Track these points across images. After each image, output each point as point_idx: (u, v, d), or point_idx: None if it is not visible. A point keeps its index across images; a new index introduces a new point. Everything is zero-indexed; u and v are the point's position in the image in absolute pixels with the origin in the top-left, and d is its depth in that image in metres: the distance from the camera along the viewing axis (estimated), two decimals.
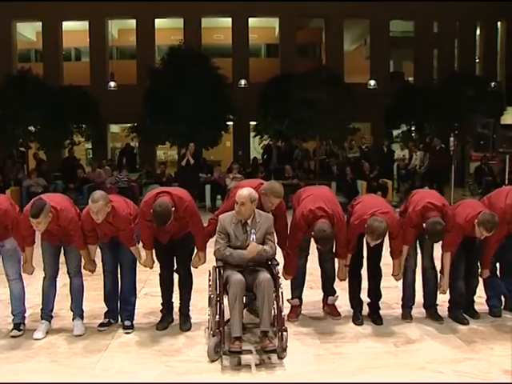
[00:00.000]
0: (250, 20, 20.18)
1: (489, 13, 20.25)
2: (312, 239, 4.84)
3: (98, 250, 5.05)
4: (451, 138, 12.19)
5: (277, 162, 15.18)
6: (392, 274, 5.12)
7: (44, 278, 4.99)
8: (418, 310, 5.32)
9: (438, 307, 5.27)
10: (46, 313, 5.00)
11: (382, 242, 4.97)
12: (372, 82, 18.85)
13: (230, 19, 20.05)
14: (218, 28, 21.41)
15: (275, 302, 4.42)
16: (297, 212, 4.95)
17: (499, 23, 21.39)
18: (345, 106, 12.95)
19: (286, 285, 5.04)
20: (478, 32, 21.57)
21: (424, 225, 4.77)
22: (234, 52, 20.04)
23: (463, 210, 4.99)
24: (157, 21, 19.90)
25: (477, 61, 21.58)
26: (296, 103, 13.02)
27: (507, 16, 18.84)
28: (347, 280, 5.21)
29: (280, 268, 4.69)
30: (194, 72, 13.85)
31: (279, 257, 4.83)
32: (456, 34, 21.06)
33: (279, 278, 4.53)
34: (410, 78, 21.57)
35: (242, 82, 18.68)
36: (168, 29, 20.39)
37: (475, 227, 4.77)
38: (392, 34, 21.11)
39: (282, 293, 4.47)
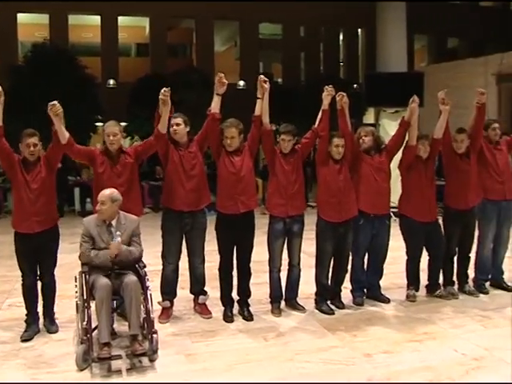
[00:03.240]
0: (120, 18, 19.74)
1: (351, 20, 21.42)
2: None
3: None
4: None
5: (147, 164, 14.96)
6: None
7: None
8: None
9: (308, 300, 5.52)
10: None
11: (251, 244, 5.18)
12: (242, 83, 19.17)
13: (98, 17, 19.47)
14: (86, 26, 20.70)
15: (144, 305, 4.37)
16: None
17: (360, 30, 22.69)
18: None
19: (155, 287, 5.00)
20: (341, 37, 22.74)
21: None
22: (103, 51, 19.49)
23: None
24: (20, 15, 18.80)
25: (341, 64, 22.75)
26: None
27: (366, 24, 20.01)
28: (218, 280, 5.30)
29: (146, 270, 4.63)
30: (59, 71, 13.26)
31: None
32: (321, 38, 22.05)
33: (147, 280, 4.47)
34: (279, 80, 22.23)
35: (111, 81, 18.22)
36: (32, 24, 19.40)
37: None
38: (261, 37, 21.66)
39: (150, 295, 4.42)
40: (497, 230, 6.03)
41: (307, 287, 5.62)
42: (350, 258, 5.66)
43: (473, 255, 6.10)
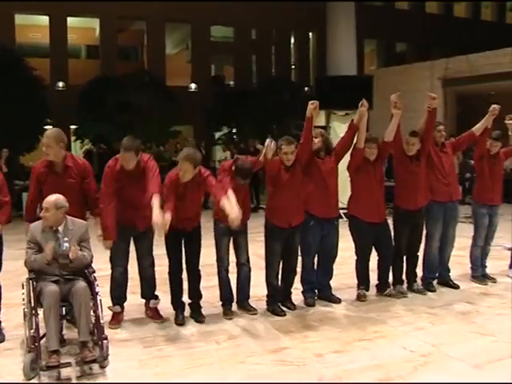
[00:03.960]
0: (69, 19, 19.38)
1: (302, 24, 21.65)
2: None
3: None
4: (267, 140, 12.76)
5: (98, 168, 14.74)
6: None
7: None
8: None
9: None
10: None
11: (199, 246, 5.20)
12: (193, 86, 19.12)
13: (46, 17, 19.06)
14: (34, 26, 20.22)
15: (93, 311, 4.30)
16: None
17: (311, 34, 22.95)
18: (166, 109, 12.98)
19: (105, 292, 4.93)
20: (292, 40, 22.96)
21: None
22: (52, 52, 19.09)
23: None
24: None
25: (292, 67, 22.96)
26: (116, 106, 12.78)
27: (317, 27, 20.26)
28: (169, 283, 5.27)
29: (96, 275, 4.56)
30: (4, 72, 12.90)
31: None
32: (273, 41, 22.21)
33: (97, 285, 4.41)
34: (231, 82, 22.28)
35: (60, 84, 17.87)
36: None
37: None
38: (213, 39, 21.64)
39: (100, 300, 4.36)
40: (443, 229, 6.19)
41: (258, 289, 5.64)
42: (300, 259, 5.72)
43: (420, 254, 6.24)
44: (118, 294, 5.18)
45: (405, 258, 6.10)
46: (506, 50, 14.55)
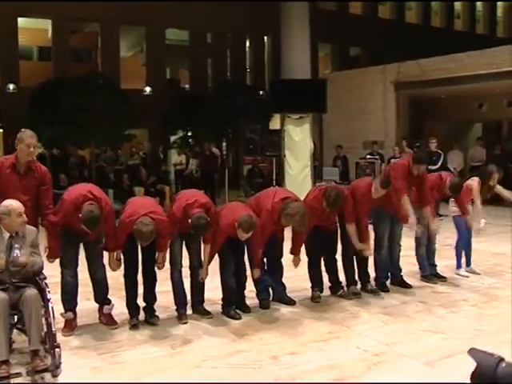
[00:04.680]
0: (20, 20, 18.91)
1: (257, 27, 21.74)
2: None
3: None
4: (224, 143, 12.84)
5: (52, 171, 14.44)
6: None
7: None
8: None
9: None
10: None
11: (155, 250, 5.14)
12: (148, 89, 18.96)
13: None
14: None
15: (44, 318, 4.21)
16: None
17: (266, 37, 23.08)
18: (120, 112, 12.83)
19: (56, 300, 4.83)
20: (247, 44, 23.03)
21: (189, 220, 4.98)
22: (2, 53, 18.60)
23: (226, 213, 5.34)
24: None
25: (247, 70, 23.03)
26: (69, 109, 12.56)
27: (272, 31, 20.39)
28: (124, 287, 5.22)
29: (48, 282, 4.47)
30: None
31: None
32: (228, 45, 22.23)
33: (48, 292, 4.32)
34: (187, 86, 22.19)
35: (11, 86, 17.45)
36: None
37: (238, 229, 5.10)
38: (168, 42, 21.51)
39: (52, 307, 4.27)
40: (390, 229, 6.32)
41: (213, 293, 5.64)
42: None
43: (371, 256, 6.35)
44: (70, 298, 5.07)
45: (355, 258, 6.18)
46: (455, 55, 14.96)
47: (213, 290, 5.62)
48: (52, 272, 4.86)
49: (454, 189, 6.42)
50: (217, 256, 5.50)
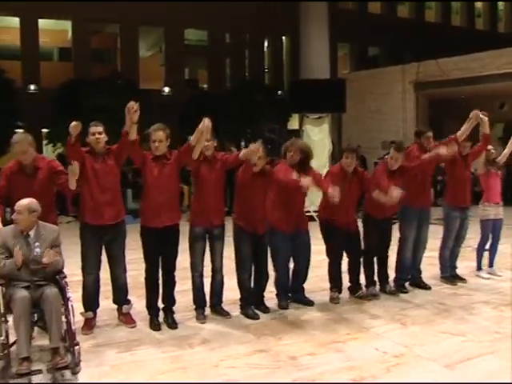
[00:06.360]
0: (41, 21, 19.12)
1: (275, 28, 21.73)
2: None
3: None
4: (242, 143, 12.85)
5: None
6: None
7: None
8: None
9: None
10: None
11: (176, 254, 5.17)
12: (167, 89, 19.03)
13: (17, 19, 18.78)
14: (4, 27, 19.89)
15: (65, 316, 4.24)
16: None
17: (284, 37, 23.05)
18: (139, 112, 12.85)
19: (78, 297, 4.88)
20: (266, 44, 23.03)
21: None
22: (23, 54, 18.82)
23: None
24: None
25: (266, 71, 23.02)
26: (89, 109, 12.64)
27: (291, 31, 20.36)
28: (145, 288, 5.25)
29: (68, 280, 4.51)
30: None
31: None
32: (246, 45, 22.24)
33: (68, 290, 4.36)
34: (205, 86, 22.23)
35: (32, 86, 17.65)
36: None
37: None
38: (187, 43, 21.57)
39: (72, 306, 4.29)
40: (416, 232, 6.27)
41: (232, 293, 5.64)
42: (273, 262, 5.73)
43: (393, 256, 6.32)
44: (90, 301, 5.13)
45: (376, 259, 6.16)
46: (475, 55, 14.81)
47: (232, 290, 5.62)
48: (73, 271, 4.90)
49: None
50: (234, 257, 5.51)
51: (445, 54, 15.83)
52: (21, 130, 15.33)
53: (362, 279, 6.17)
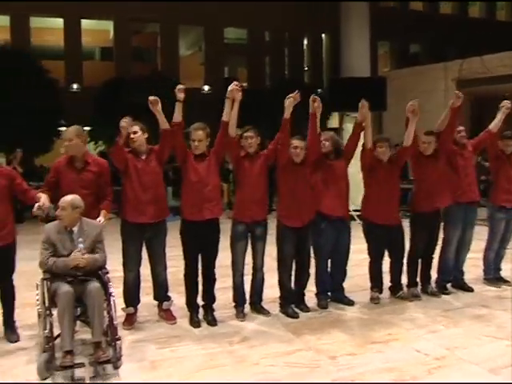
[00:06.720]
0: (83, 22, 19.49)
1: (315, 26, 21.62)
2: None
3: None
4: None
5: (112, 169, 14.77)
6: None
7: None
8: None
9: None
10: None
11: (216, 251, 5.22)
12: (206, 88, 19.14)
13: (61, 20, 19.19)
14: (48, 29, 20.34)
15: (107, 311, 4.31)
16: None
17: (324, 35, 22.92)
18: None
19: (120, 293, 4.95)
20: (305, 42, 22.93)
21: None
22: (67, 54, 19.22)
23: None
24: None
25: (305, 69, 22.92)
26: (131, 108, 12.80)
27: (330, 29, 20.23)
28: (184, 285, 5.28)
29: (110, 276, 4.58)
30: (20, 74, 13.03)
31: None
32: (286, 43, 22.20)
33: (110, 286, 4.42)
34: (245, 84, 22.28)
35: (74, 85, 18.00)
36: None
37: None
38: (226, 41, 21.66)
39: (114, 301, 4.37)
40: (461, 233, 6.15)
41: (272, 291, 5.64)
42: (314, 261, 5.70)
43: (436, 257, 6.20)
44: (131, 298, 5.20)
45: (420, 260, 6.06)
46: None
47: (272, 287, 5.62)
48: (115, 267, 4.97)
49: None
50: (276, 255, 5.51)
51: (489, 50, 15.47)
52: (64, 128, 15.72)
53: (404, 279, 6.08)
